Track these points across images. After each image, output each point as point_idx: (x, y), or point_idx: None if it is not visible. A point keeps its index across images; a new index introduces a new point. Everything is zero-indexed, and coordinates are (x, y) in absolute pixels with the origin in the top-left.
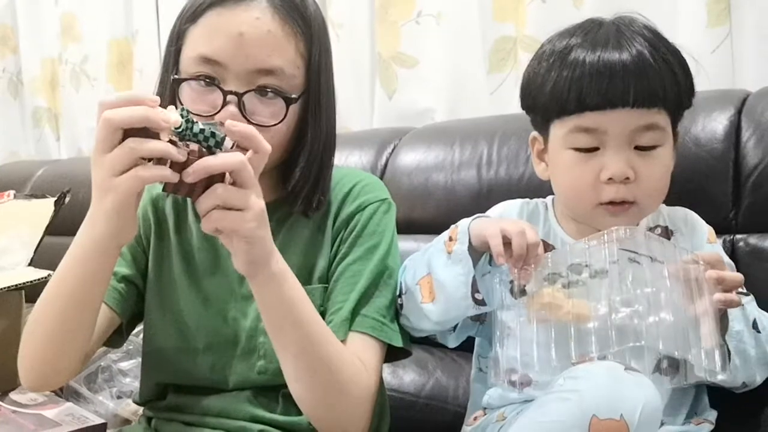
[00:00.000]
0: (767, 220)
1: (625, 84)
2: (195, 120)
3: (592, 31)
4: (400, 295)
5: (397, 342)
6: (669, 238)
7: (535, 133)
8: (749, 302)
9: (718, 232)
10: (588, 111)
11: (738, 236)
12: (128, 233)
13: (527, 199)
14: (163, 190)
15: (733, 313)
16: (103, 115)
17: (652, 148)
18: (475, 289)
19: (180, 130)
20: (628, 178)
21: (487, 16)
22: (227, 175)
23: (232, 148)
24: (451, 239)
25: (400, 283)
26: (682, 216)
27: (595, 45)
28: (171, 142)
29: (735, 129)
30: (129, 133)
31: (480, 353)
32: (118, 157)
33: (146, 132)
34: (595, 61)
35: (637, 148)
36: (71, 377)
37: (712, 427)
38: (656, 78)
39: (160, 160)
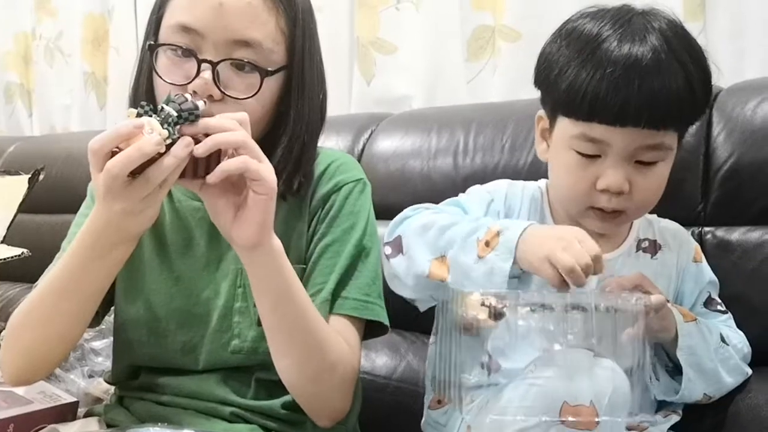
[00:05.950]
0: (734, 213)
1: (639, 104)
2: (165, 109)
3: (622, 26)
4: (389, 244)
5: (385, 319)
6: (656, 252)
7: (541, 112)
8: (725, 320)
9: (687, 225)
10: (597, 123)
11: (706, 229)
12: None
13: (525, 182)
14: (181, 177)
15: (685, 329)
16: (106, 169)
17: (653, 163)
18: None
19: (168, 141)
20: (622, 191)
21: (466, 4)
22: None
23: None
24: (487, 244)
25: (399, 236)
26: (672, 231)
27: (622, 43)
28: (168, 146)
29: (706, 123)
30: None
31: None
32: (137, 193)
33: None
34: (613, 70)
35: (637, 162)
36: (55, 368)
37: (679, 418)
38: (673, 100)
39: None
